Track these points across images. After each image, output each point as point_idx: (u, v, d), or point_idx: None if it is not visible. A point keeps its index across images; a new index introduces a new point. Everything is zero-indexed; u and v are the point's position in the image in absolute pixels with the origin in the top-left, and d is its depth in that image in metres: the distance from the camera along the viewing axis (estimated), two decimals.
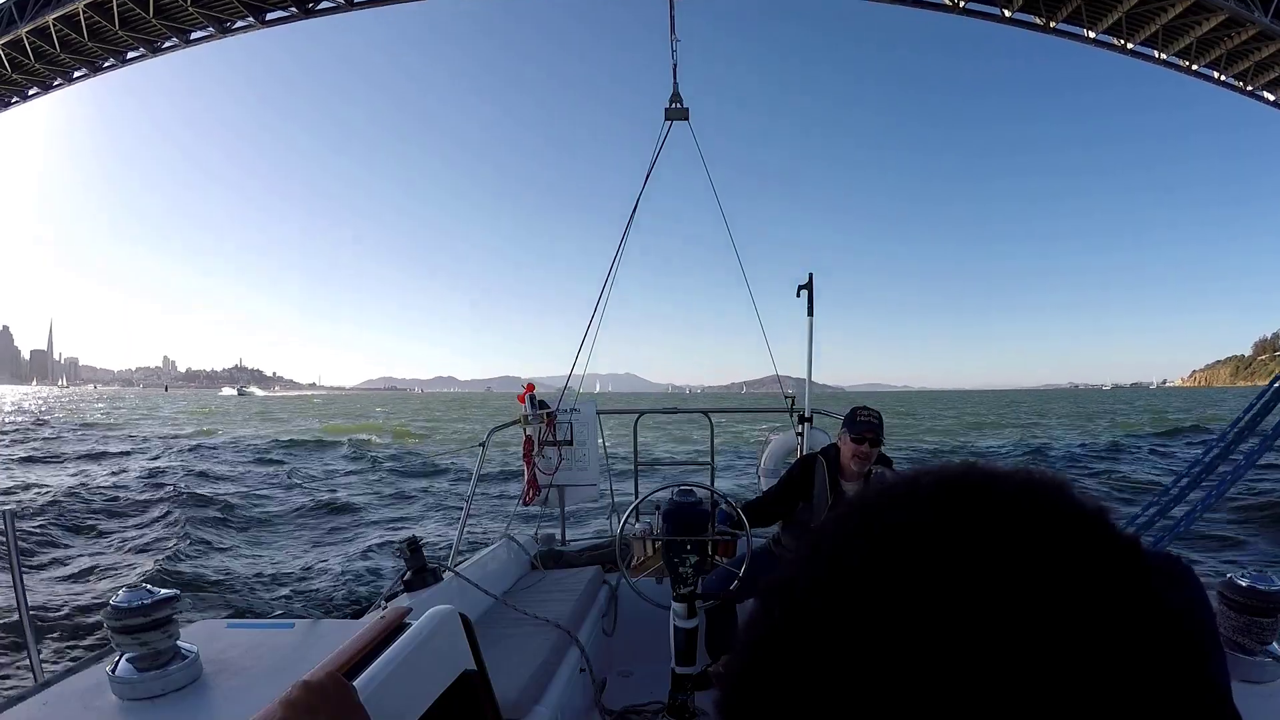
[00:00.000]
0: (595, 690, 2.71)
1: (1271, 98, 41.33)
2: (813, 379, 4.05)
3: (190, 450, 20.27)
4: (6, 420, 34.05)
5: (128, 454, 19.24)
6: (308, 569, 7.91)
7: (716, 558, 2.88)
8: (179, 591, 1.22)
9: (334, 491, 13.13)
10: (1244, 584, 1.29)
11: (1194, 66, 40.23)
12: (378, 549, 8.38)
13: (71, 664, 1.29)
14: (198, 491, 11.87)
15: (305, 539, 9.43)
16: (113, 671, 1.14)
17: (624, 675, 3.09)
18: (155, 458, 18.05)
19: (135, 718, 1.09)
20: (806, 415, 3.97)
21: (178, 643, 1.18)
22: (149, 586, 1.19)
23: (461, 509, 3.33)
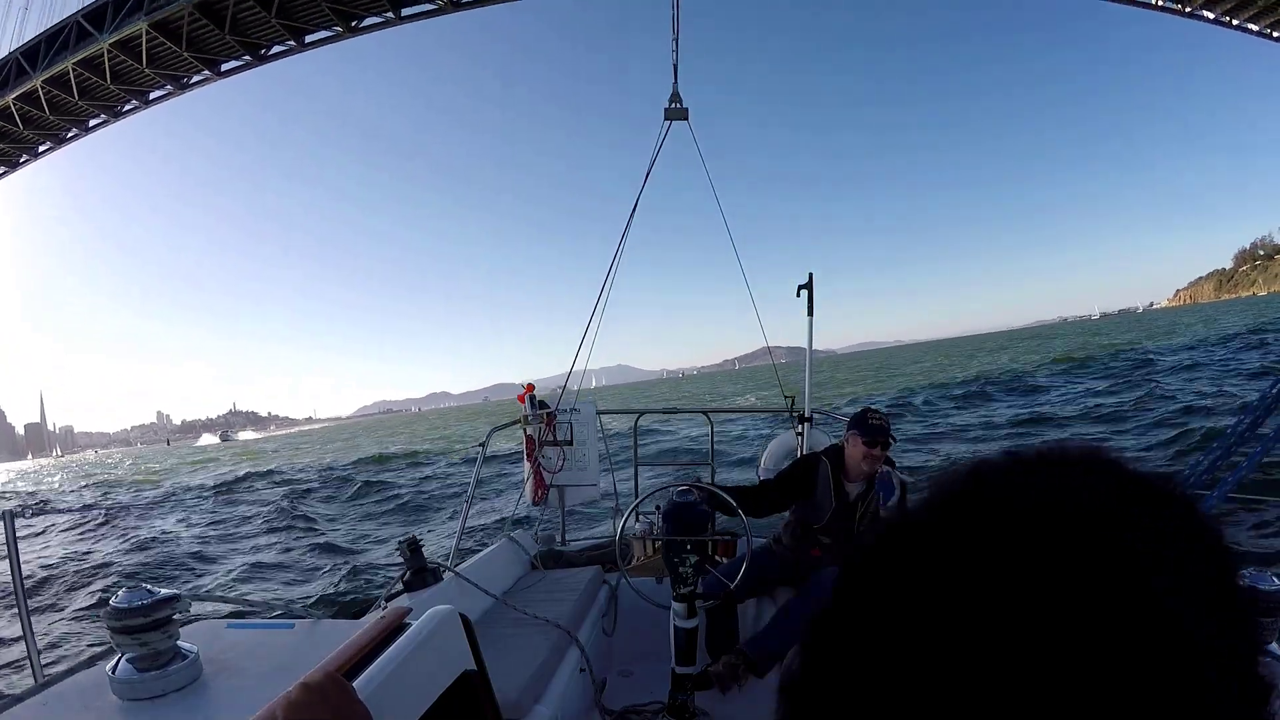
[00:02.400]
0: (595, 690, 2.71)
1: (1211, 16, 41.34)
2: (801, 346, 4.02)
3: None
4: None
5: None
6: (310, 569, 7.92)
7: (716, 557, 2.87)
8: (179, 591, 1.22)
9: None
10: (1244, 584, 1.29)
11: None
12: (377, 549, 8.39)
13: (71, 664, 1.29)
14: None
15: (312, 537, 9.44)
16: (113, 671, 1.14)
17: (624, 675, 3.09)
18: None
19: (135, 718, 1.09)
20: (806, 415, 3.97)
21: (178, 643, 1.17)
22: (149, 586, 1.19)
23: (461, 509, 3.34)
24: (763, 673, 2.56)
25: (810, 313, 3.96)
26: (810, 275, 3.96)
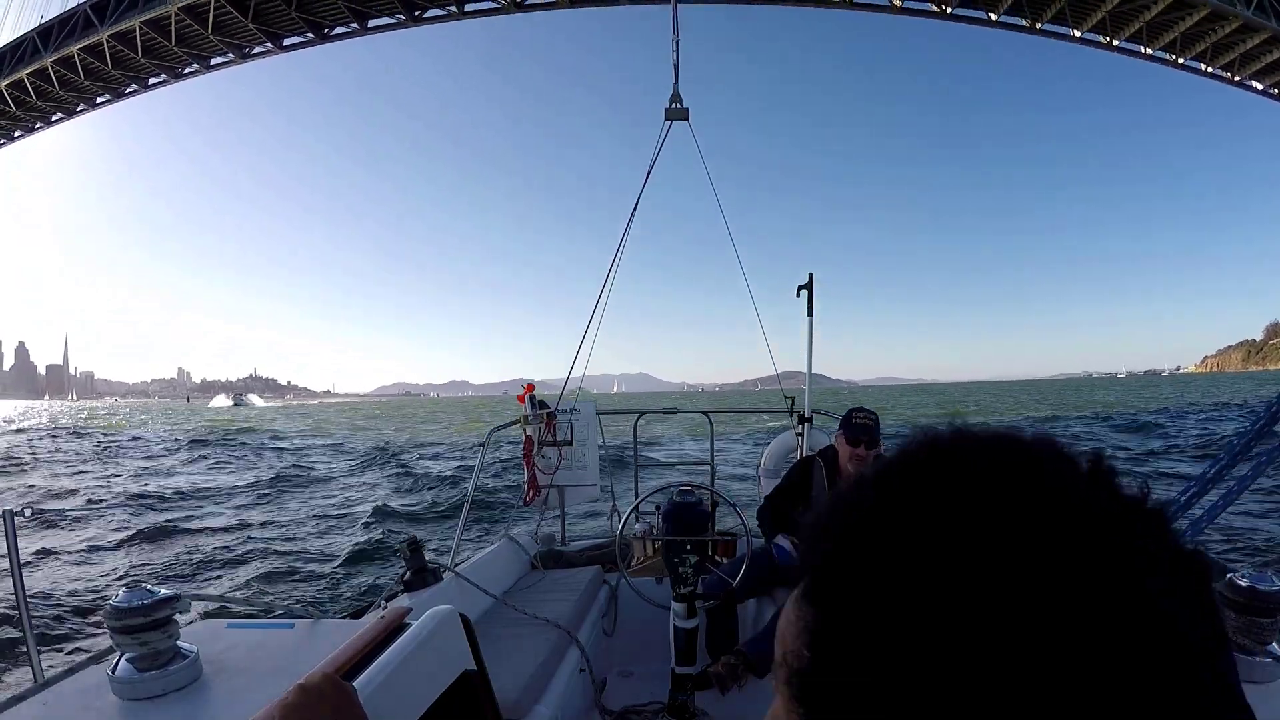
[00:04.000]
0: (595, 690, 2.71)
1: (1260, 86, 41.88)
2: (824, 374, 4.05)
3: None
4: None
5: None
6: (312, 569, 7.91)
7: (716, 557, 2.87)
8: (179, 591, 1.22)
9: None
10: (1244, 584, 1.29)
11: (1180, 60, 40.73)
12: (378, 549, 8.39)
13: (71, 664, 1.29)
14: None
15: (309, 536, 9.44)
16: (113, 671, 1.14)
17: (624, 675, 3.09)
18: None
19: (135, 718, 1.09)
20: (806, 415, 3.97)
21: (178, 643, 1.17)
22: (149, 586, 1.19)
23: (461, 509, 3.33)
24: (763, 673, 2.56)
25: (810, 313, 3.96)
26: (810, 275, 3.97)
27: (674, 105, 4.64)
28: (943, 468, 0.31)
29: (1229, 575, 1.33)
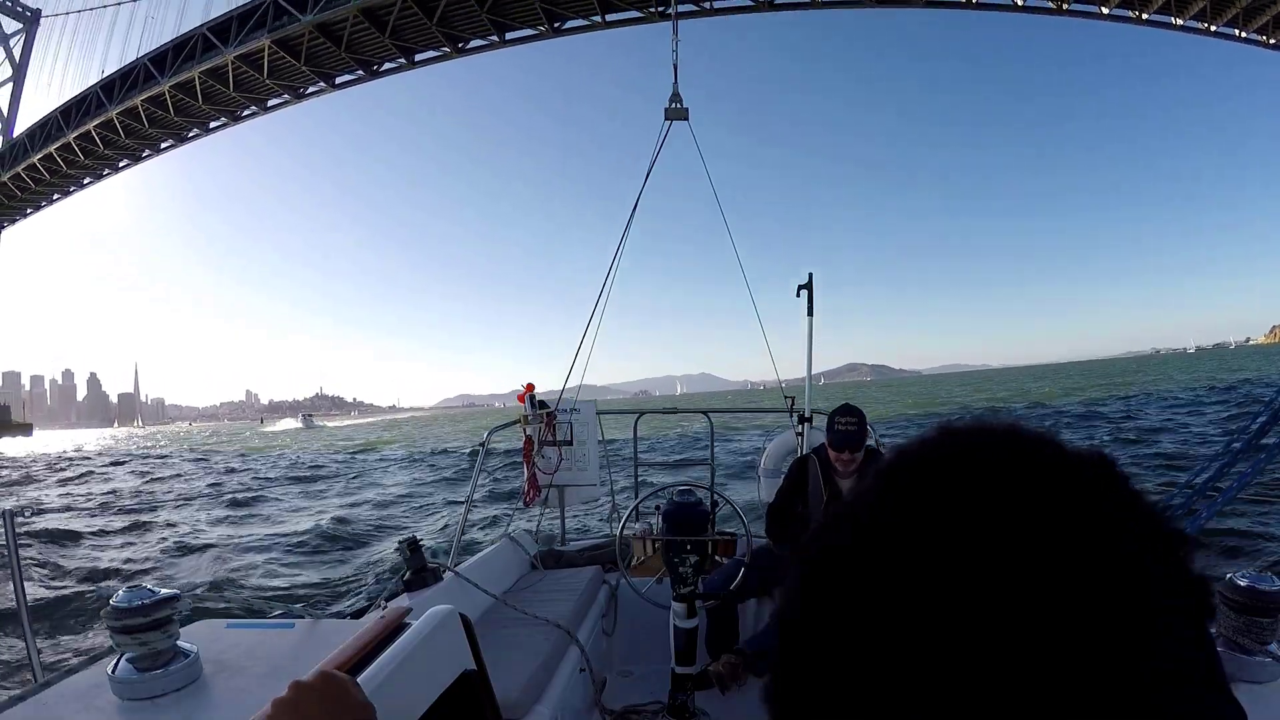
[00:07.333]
0: (595, 690, 2.71)
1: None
2: (887, 364, 4.05)
3: None
4: None
5: None
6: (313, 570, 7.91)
7: (716, 557, 2.88)
8: (179, 591, 1.22)
9: None
10: (1244, 584, 1.29)
11: (1212, 27, 39.84)
12: (378, 549, 8.38)
13: (71, 664, 1.29)
14: None
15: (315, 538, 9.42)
16: (113, 671, 1.14)
17: (624, 675, 3.09)
18: None
19: (135, 718, 1.09)
20: (806, 415, 3.97)
21: (178, 643, 1.17)
22: (149, 586, 1.19)
23: (461, 509, 3.34)
24: (762, 673, 2.55)
25: (810, 313, 3.96)
26: (810, 275, 3.96)
27: (674, 105, 4.66)
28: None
29: (1229, 575, 1.33)
